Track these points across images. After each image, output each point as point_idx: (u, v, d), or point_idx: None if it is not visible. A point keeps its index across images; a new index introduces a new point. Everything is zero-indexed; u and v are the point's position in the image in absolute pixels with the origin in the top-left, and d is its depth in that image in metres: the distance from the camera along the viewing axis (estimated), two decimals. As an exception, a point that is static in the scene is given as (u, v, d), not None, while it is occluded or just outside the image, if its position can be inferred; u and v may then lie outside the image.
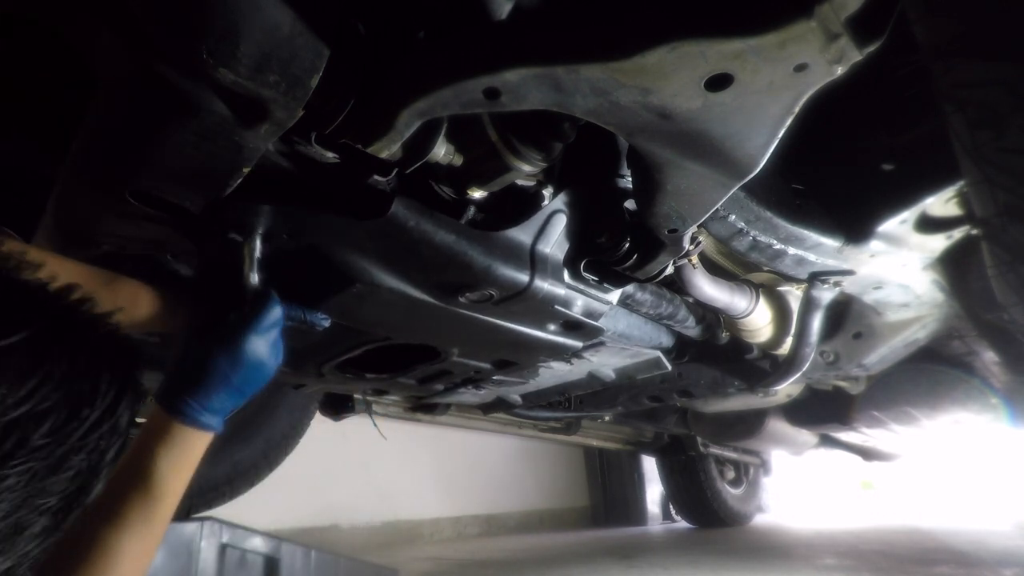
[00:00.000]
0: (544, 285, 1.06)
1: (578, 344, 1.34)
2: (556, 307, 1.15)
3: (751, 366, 2.00)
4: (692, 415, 3.11)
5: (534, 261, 1.05)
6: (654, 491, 5.06)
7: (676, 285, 1.53)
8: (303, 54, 0.63)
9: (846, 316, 1.89)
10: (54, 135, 0.92)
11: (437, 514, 4.20)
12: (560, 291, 1.10)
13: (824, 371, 2.01)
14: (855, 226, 1.42)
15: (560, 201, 1.06)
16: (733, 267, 1.69)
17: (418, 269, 1.01)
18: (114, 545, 0.69)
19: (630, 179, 1.03)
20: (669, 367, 1.78)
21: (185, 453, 0.76)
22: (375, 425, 2.41)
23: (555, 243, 1.07)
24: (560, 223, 1.07)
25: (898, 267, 1.56)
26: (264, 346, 0.83)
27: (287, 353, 0.90)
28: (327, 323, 1.00)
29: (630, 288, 1.43)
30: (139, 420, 0.66)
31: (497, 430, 3.18)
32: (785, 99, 0.69)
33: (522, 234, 1.04)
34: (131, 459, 0.74)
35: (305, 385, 1.55)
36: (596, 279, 1.18)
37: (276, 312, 0.86)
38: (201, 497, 1.80)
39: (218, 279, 0.89)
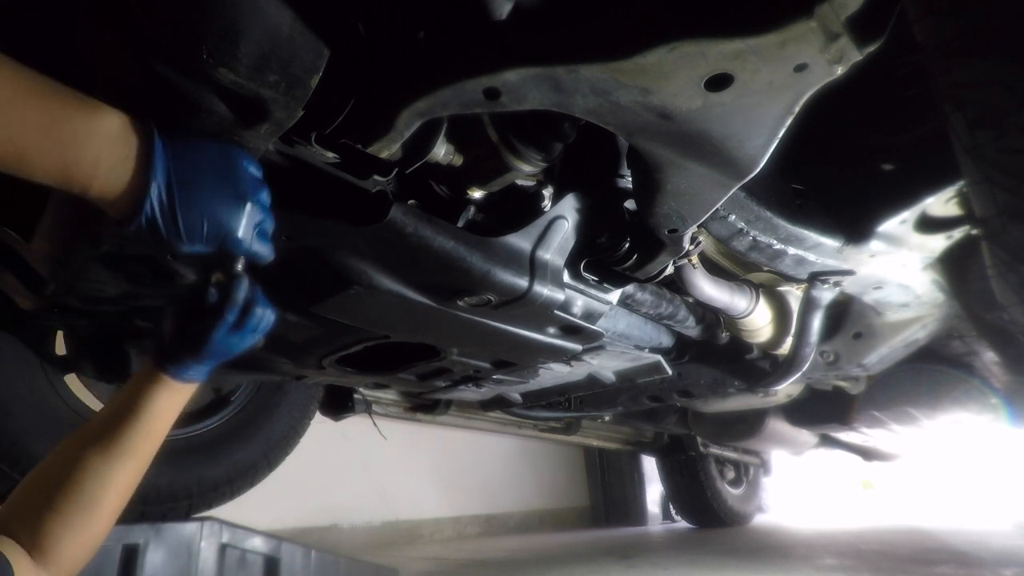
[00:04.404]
0: (543, 291, 1.06)
1: (577, 347, 1.34)
2: (555, 312, 1.14)
3: (751, 366, 2.00)
4: (692, 415, 3.12)
5: (533, 267, 1.05)
6: (654, 491, 5.05)
7: (676, 285, 1.53)
8: (303, 54, 0.63)
9: (846, 316, 1.89)
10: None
11: (437, 514, 4.20)
12: (559, 296, 1.10)
13: (824, 371, 2.01)
14: (855, 226, 1.42)
15: (561, 206, 1.05)
16: (733, 267, 1.69)
17: (416, 273, 1.01)
18: (104, 471, 0.75)
19: (630, 179, 1.03)
20: (669, 371, 1.79)
21: (172, 401, 0.83)
22: (375, 425, 2.41)
23: (556, 248, 1.07)
24: (561, 229, 1.06)
25: (898, 267, 1.56)
26: (252, 311, 0.81)
27: (287, 346, 0.89)
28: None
29: (630, 288, 1.44)
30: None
31: (497, 430, 3.18)
32: (785, 99, 0.69)
33: (522, 240, 1.04)
34: (125, 399, 0.80)
35: (306, 376, 1.55)
36: (596, 279, 1.18)
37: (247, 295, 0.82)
38: (201, 497, 1.80)
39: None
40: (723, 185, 0.86)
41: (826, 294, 1.59)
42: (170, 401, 0.82)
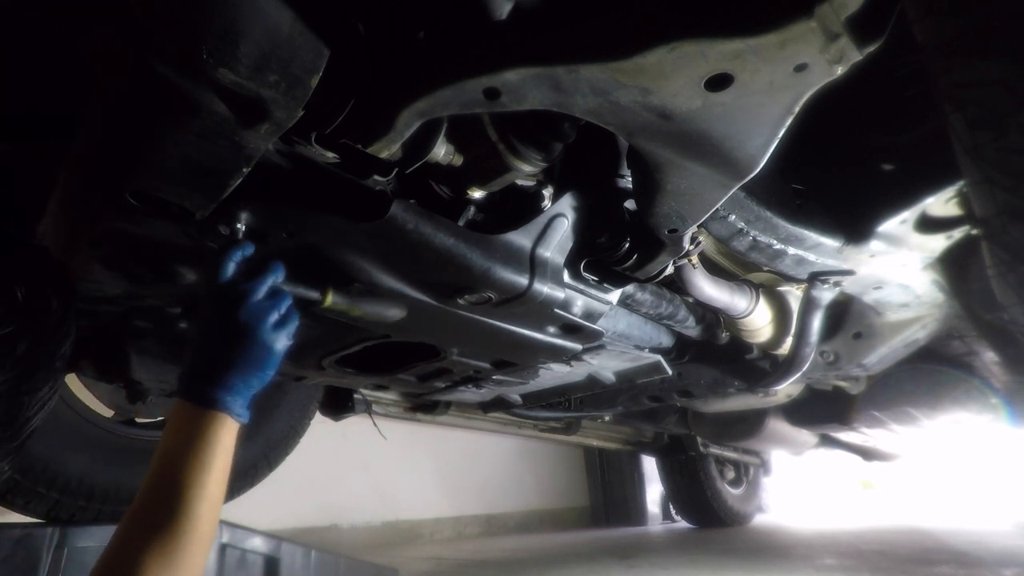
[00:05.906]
0: (543, 288, 1.06)
1: (577, 347, 1.34)
2: (555, 310, 1.14)
3: (751, 366, 2.00)
4: (692, 415, 3.11)
5: (534, 264, 1.05)
6: (654, 491, 5.05)
7: (676, 285, 1.53)
8: (303, 54, 0.63)
9: (846, 316, 1.89)
10: (54, 135, 0.92)
11: (437, 514, 4.20)
12: (560, 294, 1.10)
13: (824, 371, 2.01)
14: (855, 226, 1.42)
15: (561, 204, 1.05)
16: (733, 267, 1.69)
17: (417, 270, 1.01)
18: (157, 567, 0.65)
19: (630, 179, 1.03)
20: (669, 371, 1.78)
21: (214, 445, 0.72)
22: (375, 425, 2.41)
23: (555, 246, 1.07)
24: (561, 227, 1.06)
25: (898, 267, 1.56)
26: (269, 314, 0.80)
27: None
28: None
29: (630, 288, 1.44)
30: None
31: (497, 430, 3.17)
32: (785, 99, 0.69)
33: (522, 237, 1.04)
34: (159, 465, 0.71)
35: (305, 378, 1.55)
36: (596, 279, 1.18)
37: (272, 275, 0.83)
38: (201, 497, 1.80)
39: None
40: (723, 185, 0.86)
41: (826, 294, 1.59)
42: (211, 449, 0.71)
